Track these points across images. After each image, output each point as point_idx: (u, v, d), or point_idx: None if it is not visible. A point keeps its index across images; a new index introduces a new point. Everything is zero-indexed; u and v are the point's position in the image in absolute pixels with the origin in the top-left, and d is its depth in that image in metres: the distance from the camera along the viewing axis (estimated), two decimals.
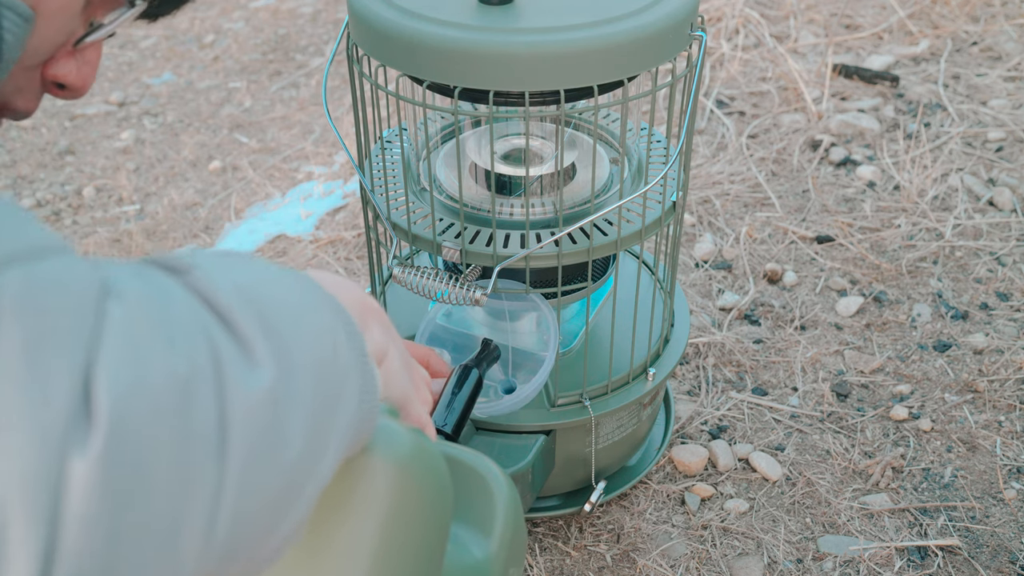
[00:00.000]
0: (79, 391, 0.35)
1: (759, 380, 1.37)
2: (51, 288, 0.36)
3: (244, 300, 0.43)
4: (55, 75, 0.64)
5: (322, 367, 0.45)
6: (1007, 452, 1.25)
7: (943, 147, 1.87)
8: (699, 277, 1.57)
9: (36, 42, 0.59)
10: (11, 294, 0.35)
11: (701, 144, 1.93)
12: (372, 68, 0.92)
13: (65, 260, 0.38)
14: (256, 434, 0.40)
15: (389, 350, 0.59)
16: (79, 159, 2.02)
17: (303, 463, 0.43)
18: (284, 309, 0.45)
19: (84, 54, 0.65)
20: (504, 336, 1.04)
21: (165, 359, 0.38)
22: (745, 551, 1.14)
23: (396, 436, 0.53)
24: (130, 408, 0.36)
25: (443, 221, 0.96)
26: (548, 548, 1.15)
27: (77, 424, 0.35)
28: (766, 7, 2.46)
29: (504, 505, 0.66)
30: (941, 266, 1.57)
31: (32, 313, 0.35)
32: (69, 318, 0.36)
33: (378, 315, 0.59)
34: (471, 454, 0.69)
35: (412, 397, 0.62)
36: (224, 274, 0.44)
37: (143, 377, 0.37)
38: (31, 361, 0.34)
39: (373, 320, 0.58)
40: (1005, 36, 2.27)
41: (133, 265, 0.43)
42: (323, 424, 0.45)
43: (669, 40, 0.84)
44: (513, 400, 0.95)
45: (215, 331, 0.40)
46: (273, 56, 2.44)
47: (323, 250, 1.68)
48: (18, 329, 0.34)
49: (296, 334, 0.44)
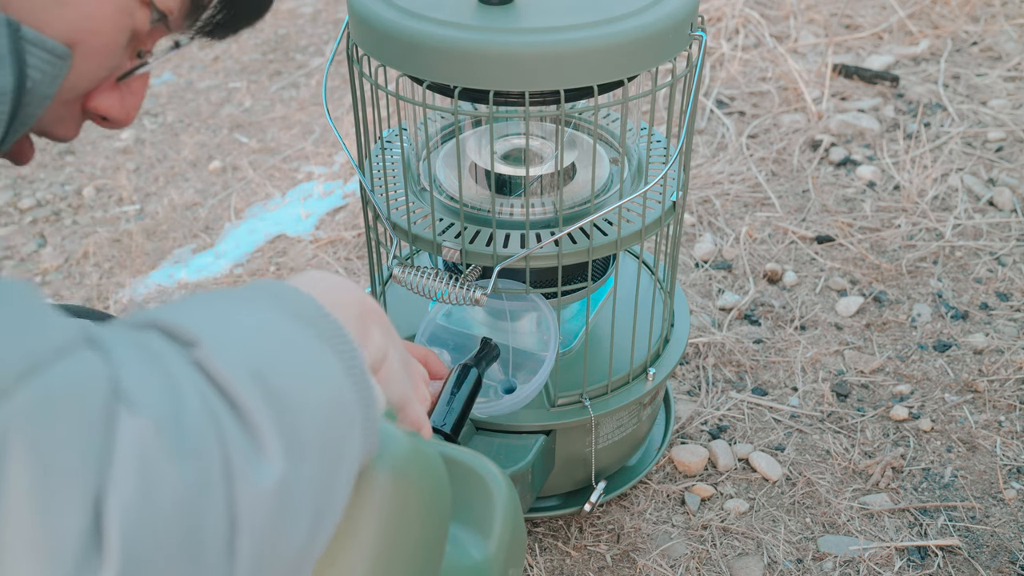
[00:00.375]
0: (90, 522, 0.35)
1: (759, 380, 1.37)
2: (59, 409, 0.36)
3: (252, 380, 0.42)
4: (97, 108, 0.63)
5: (328, 434, 0.45)
6: (1007, 452, 1.25)
7: (943, 147, 1.87)
8: (699, 277, 1.57)
9: (74, 79, 0.58)
10: (19, 423, 0.34)
11: (701, 144, 1.93)
12: (372, 68, 0.92)
13: (73, 363, 0.37)
14: (265, 528, 0.41)
15: (388, 352, 0.59)
16: (79, 159, 2.02)
17: (313, 534, 0.44)
18: (292, 383, 0.44)
19: (129, 86, 0.64)
20: (504, 336, 1.04)
21: (175, 476, 0.37)
22: (745, 551, 1.14)
23: (393, 440, 0.53)
24: (142, 539, 0.36)
25: (443, 221, 0.96)
26: (548, 548, 1.15)
27: (88, 559, 0.34)
28: (766, 7, 2.46)
29: (503, 506, 0.66)
30: (941, 266, 1.57)
31: (41, 443, 0.34)
32: (78, 445, 0.35)
33: (377, 316, 0.59)
34: (470, 454, 0.68)
35: (410, 397, 0.62)
36: (231, 349, 0.43)
37: (154, 504, 0.36)
38: (42, 493, 0.34)
39: (373, 322, 0.58)
40: (1005, 36, 2.27)
41: (139, 335, 0.42)
42: (330, 488, 0.45)
43: (669, 40, 0.84)
44: (513, 400, 0.95)
45: (225, 423, 0.40)
46: (273, 56, 2.44)
47: (323, 250, 1.68)
48: (28, 458, 0.34)
49: (304, 411, 0.44)
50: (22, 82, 0.53)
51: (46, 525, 0.34)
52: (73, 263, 1.71)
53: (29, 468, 0.34)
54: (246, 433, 0.41)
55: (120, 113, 0.63)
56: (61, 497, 0.34)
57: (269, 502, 0.41)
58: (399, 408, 0.61)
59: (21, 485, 0.33)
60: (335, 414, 0.46)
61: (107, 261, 1.71)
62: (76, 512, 0.35)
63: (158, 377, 0.40)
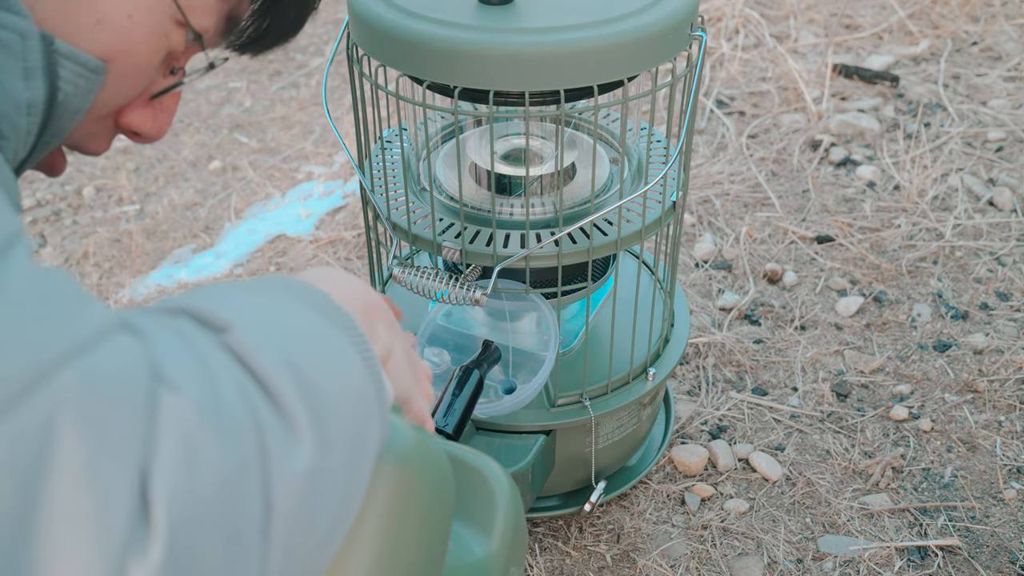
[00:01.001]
0: (137, 498, 0.36)
1: (759, 380, 1.37)
2: (104, 388, 0.37)
3: (285, 367, 0.43)
4: (130, 124, 0.63)
5: (353, 425, 0.46)
6: (1007, 452, 1.25)
7: (943, 147, 1.87)
8: (699, 277, 1.57)
9: (108, 96, 0.59)
10: (67, 401, 0.35)
11: (701, 144, 1.93)
12: (372, 68, 0.92)
13: (114, 346, 0.38)
14: (296, 513, 0.41)
15: (394, 347, 0.59)
16: (79, 159, 2.02)
17: (336, 525, 0.45)
18: (320, 372, 0.45)
19: (162, 103, 0.64)
20: (504, 336, 1.04)
21: (216, 456, 0.38)
22: (745, 551, 1.14)
23: (398, 433, 0.53)
24: (186, 516, 0.37)
25: (443, 221, 0.96)
26: (548, 548, 1.15)
27: (136, 533, 0.35)
28: (766, 7, 2.46)
29: (505, 504, 0.66)
30: (941, 266, 1.57)
31: (89, 420, 0.35)
32: (124, 422, 0.36)
33: (382, 311, 0.59)
34: (472, 453, 0.68)
35: (414, 392, 0.62)
36: (263, 335, 0.44)
37: (197, 482, 0.37)
38: (92, 470, 0.35)
39: (379, 318, 0.58)
40: (1005, 36, 2.27)
41: (171, 320, 0.43)
42: (353, 479, 0.46)
43: (669, 40, 0.84)
44: (513, 401, 0.95)
45: (260, 408, 0.41)
46: (273, 56, 2.44)
47: (323, 250, 1.68)
48: (78, 437, 0.35)
49: (333, 400, 0.45)
50: (53, 95, 0.54)
51: (97, 501, 0.35)
52: (73, 263, 1.71)
53: (79, 446, 0.35)
54: (280, 418, 0.42)
55: (152, 129, 0.64)
56: (111, 474, 0.35)
57: (301, 487, 0.41)
58: (403, 402, 0.61)
59: (72, 462, 0.34)
60: (359, 405, 0.47)
61: (107, 261, 1.71)
62: (125, 489, 0.35)
63: (194, 361, 0.41)
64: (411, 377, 0.62)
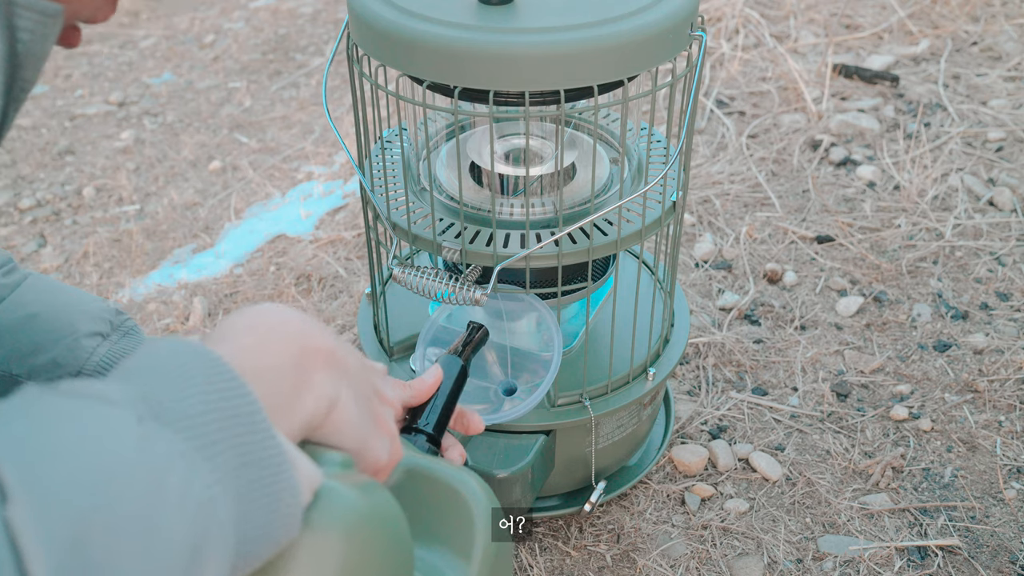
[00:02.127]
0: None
1: (759, 380, 1.37)
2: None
3: (67, 552, 0.35)
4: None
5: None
6: (1007, 452, 1.25)
7: (943, 147, 1.87)
8: (699, 277, 1.57)
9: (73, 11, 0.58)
10: None
11: (701, 144, 1.93)
12: (372, 68, 0.92)
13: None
14: None
15: (340, 396, 0.54)
16: (79, 159, 2.02)
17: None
18: (121, 543, 0.37)
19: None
20: (505, 336, 1.04)
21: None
22: (745, 551, 1.14)
23: (339, 501, 0.49)
24: None
25: (443, 221, 0.96)
26: (548, 548, 1.15)
27: None
28: (766, 7, 2.46)
29: (484, 524, 0.61)
30: (941, 266, 1.57)
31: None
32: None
33: (324, 356, 0.54)
34: (447, 469, 0.64)
35: (369, 440, 0.57)
36: (52, 512, 0.36)
37: None
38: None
39: (318, 365, 0.53)
40: (1005, 36, 2.27)
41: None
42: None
43: (669, 40, 0.84)
44: (516, 411, 0.94)
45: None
46: (273, 56, 2.44)
47: (323, 250, 1.68)
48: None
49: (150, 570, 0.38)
50: (14, 47, 0.53)
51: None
52: (73, 263, 1.71)
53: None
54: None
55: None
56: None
57: None
58: (356, 453, 0.56)
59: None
60: (177, 557, 0.40)
61: (107, 261, 1.71)
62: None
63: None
64: (365, 423, 0.57)
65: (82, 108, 2.23)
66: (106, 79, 2.37)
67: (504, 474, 0.99)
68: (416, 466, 0.65)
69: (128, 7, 2.78)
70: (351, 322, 1.50)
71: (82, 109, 2.23)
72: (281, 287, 1.59)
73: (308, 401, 0.52)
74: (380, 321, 1.11)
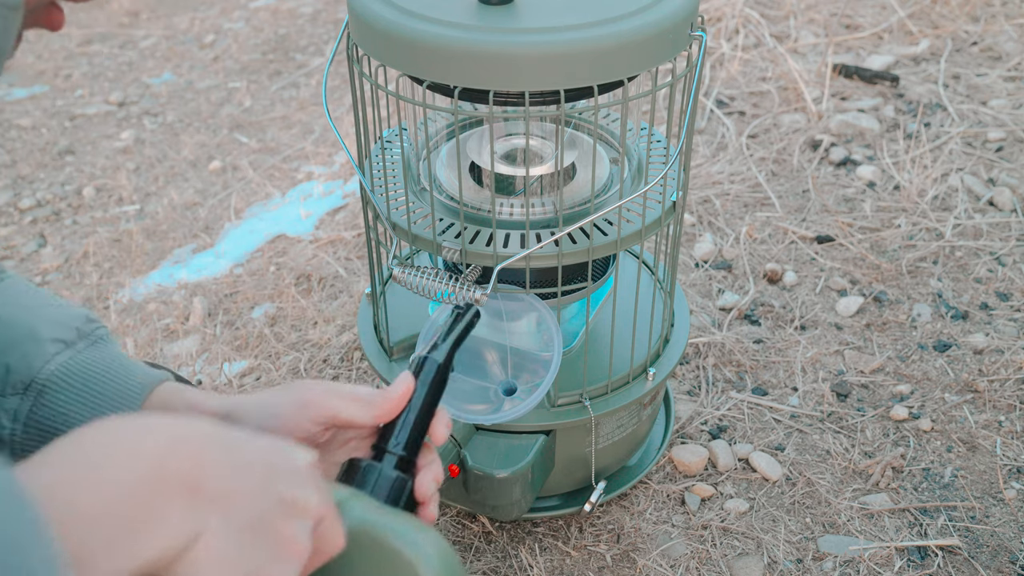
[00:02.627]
0: None
1: (759, 380, 1.37)
2: None
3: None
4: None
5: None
6: (1007, 452, 1.25)
7: (943, 147, 1.87)
8: (699, 277, 1.57)
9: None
10: None
11: (701, 144, 1.93)
12: (372, 68, 0.92)
13: None
14: None
15: (206, 527, 0.47)
16: (79, 159, 2.02)
17: None
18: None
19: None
20: (504, 337, 1.04)
21: None
22: (745, 551, 1.14)
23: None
24: None
25: (443, 221, 0.96)
26: (548, 548, 1.15)
27: None
28: (766, 7, 2.46)
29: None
30: (941, 266, 1.57)
31: None
32: None
33: (186, 483, 0.47)
34: (397, 526, 0.55)
35: (257, 573, 0.49)
36: None
37: None
38: None
39: (174, 493, 0.46)
40: (1005, 36, 2.27)
41: None
42: None
43: (669, 40, 0.84)
44: (516, 411, 0.94)
45: None
46: (273, 56, 2.44)
47: (323, 250, 1.68)
48: None
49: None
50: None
51: None
52: (73, 263, 1.71)
53: None
54: None
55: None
56: None
57: None
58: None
59: None
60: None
61: (107, 261, 1.71)
62: None
63: None
64: (249, 557, 0.49)
65: (82, 108, 2.23)
66: (106, 79, 2.37)
67: (504, 474, 0.99)
68: (360, 526, 0.56)
69: (128, 7, 2.78)
70: (351, 322, 1.50)
71: (82, 109, 2.23)
72: (281, 287, 1.59)
73: (152, 540, 0.45)
74: (380, 321, 1.11)
